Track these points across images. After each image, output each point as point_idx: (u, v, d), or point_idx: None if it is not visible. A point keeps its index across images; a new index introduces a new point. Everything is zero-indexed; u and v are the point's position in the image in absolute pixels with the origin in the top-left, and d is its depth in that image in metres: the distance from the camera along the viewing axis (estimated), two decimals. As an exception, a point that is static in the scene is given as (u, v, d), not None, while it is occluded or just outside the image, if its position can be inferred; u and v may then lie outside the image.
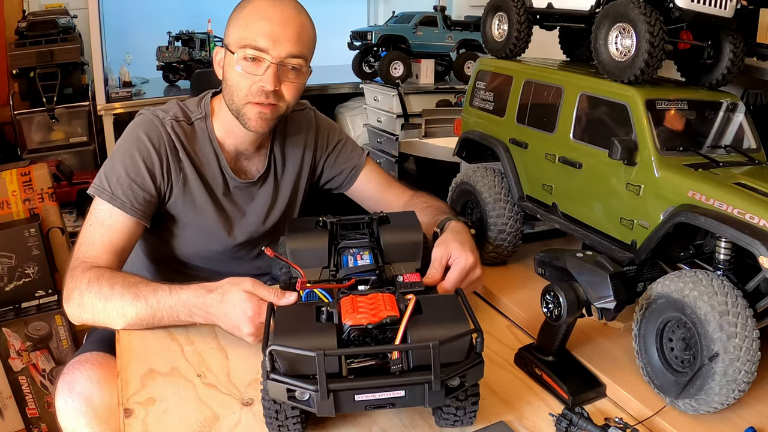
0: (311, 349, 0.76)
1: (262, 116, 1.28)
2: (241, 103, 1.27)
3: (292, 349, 0.78)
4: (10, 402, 2.11)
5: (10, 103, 2.77)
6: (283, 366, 0.80)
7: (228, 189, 1.40)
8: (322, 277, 1.04)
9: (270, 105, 1.27)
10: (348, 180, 1.57)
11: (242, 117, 1.29)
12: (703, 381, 0.91)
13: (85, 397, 1.17)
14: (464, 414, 0.90)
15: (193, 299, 1.11)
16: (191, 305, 1.11)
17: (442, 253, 1.15)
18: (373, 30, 2.74)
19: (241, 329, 1.06)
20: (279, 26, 1.23)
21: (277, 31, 1.22)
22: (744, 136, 1.14)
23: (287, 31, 1.23)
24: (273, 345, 0.78)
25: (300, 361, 0.79)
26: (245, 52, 1.23)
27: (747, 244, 0.88)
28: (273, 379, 0.79)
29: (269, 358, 0.79)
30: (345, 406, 0.80)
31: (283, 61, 1.24)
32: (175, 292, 1.13)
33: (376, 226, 1.14)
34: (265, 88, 1.24)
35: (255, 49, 1.23)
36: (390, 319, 0.83)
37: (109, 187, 1.25)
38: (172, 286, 1.14)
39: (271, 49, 1.22)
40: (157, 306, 1.12)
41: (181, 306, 1.12)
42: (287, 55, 1.24)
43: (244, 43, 1.23)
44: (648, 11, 1.03)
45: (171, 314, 1.13)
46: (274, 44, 1.22)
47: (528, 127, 1.31)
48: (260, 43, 1.22)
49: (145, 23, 3.30)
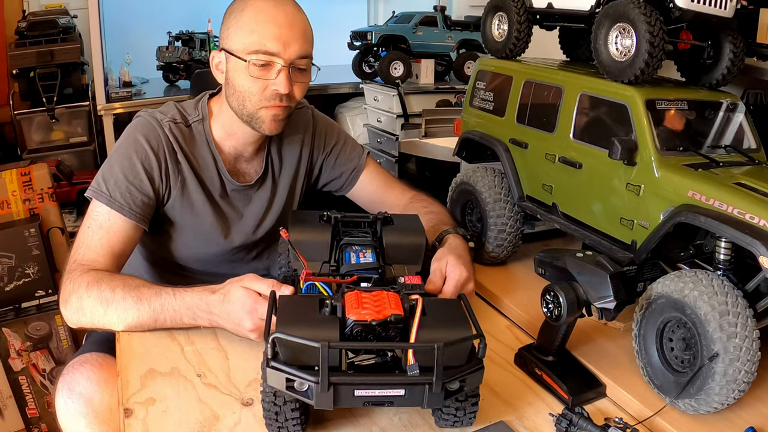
0: (315, 340, 0.76)
1: (276, 118, 1.28)
2: (255, 108, 1.26)
3: (296, 338, 0.77)
4: (10, 402, 2.11)
5: (10, 103, 2.77)
6: (284, 355, 0.80)
7: (225, 192, 1.39)
8: (321, 271, 1.04)
9: (284, 107, 1.27)
10: (348, 182, 1.56)
11: (256, 121, 1.28)
12: (703, 381, 0.91)
13: (86, 397, 1.17)
14: (464, 415, 0.90)
15: (197, 301, 1.10)
16: (195, 308, 1.11)
17: (440, 265, 1.16)
18: (373, 30, 2.74)
19: (243, 325, 1.06)
20: (286, 28, 1.22)
21: (286, 34, 1.21)
22: (744, 136, 1.14)
23: (294, 32, 1.22)
24: (276, 333, 0.78)
25: (301, 352, 0.78)
26: (256, 57, 1.21)
27: (747, 244, 0.88)
28: (273, 367, 0.79)
29: (271, 345, 0.78)
30: (344, 400, 0.80)
31: (294, 62, 1.23)
32: (179, 295, 1.12)
33: (380, 226, 1.14)
34: (280, 91, 1.23)
35: (266, 54, 1.21)
36: (394, 317, 0.82)
37: (107, 190, 1.25)
38: (175, 289, 1.13)
39: (282, 52, 1.21)
40: (160, 309, 1.12)
41: (185, 309, 1.11)
42: (297, 57, 1.23)
43: (253, 49, 1.21)
44: (648, 11, 1.03)
45: (174, 317, 1.12)
46: (285, 47, 1.21)
47: (528, 127, 1.31)
48: (271, 47, 1.21)
49: (145, 23, 3.30)
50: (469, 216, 1.52)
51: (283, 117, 1.29)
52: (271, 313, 0.85)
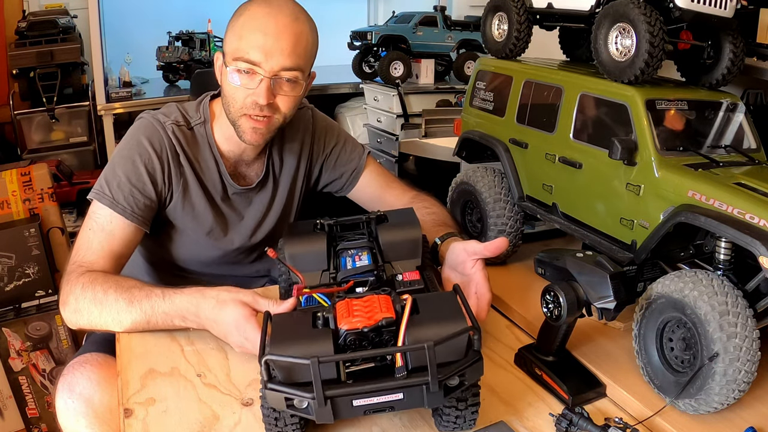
0: (307, 356, 0.75)
1: (255, 131, 1.26)
2: (237, 114, 1.26)
3: (286, 358, 0.77)
4: (10, 402, 2.11)
5: (10, 103, 2.77)
6: (281, 374, 0.79)
7: (227, 195, 1.39)
8: (322, 280, 1.03)
9: (264, 118, 1.25)
10: (349, 183, 1.55)
11: (238, 129, 1.28)
12: (703, 381, 0.91)
13: (86, 398, 1.17)
14: (464, 422, 0.90)
15: (186, 304, 1.10)
16: (184, 310, 1.10)
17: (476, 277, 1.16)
18: (373, 30, 2.74)
19: (228, 338, 1.06)
20: (272, 38, 1.19)
21: (270, 44, 1.19)
22: (744, 136, 1.14)
23: (281, 44, 1.20)
24: (268, 355, 0.77)
25: (296, 369, 0.78)
26: (238, 64, 1.21)
27: (747, 244, 0.88)
28: (271, 388, 0.79)
29: (265, 367, 0.78)
30: (343, 412, 0.79)
31: (277, 74, 1.21)
32: (169, 297, 1.11)
33: (375, 225, 1.13)
34: (258, 101, 1.22)
35: (248, 62, 1.20)
36: (385, 321, 0.81)
37: (110, 192, 1.24)
38: (165, 291, 1.12)
39: (263, 62, 1.20)
40: (151, 312, 1.11)
41: (175, 311, 1.11)
42: (280, 69, 1.21)
43: (237, 56, 1.21)
44: (648, 11, 1.03)
45: (165, 319, 1.12)
46: (267, 58, 1.19)
47: (528, 127, 1.31)
48: (253, 56, 1.19)
49: (145, 23, 3.30)
50: (469, 216, 1.52)
51: (266, 130, 1.28)
52: (265, 333, 0.84)
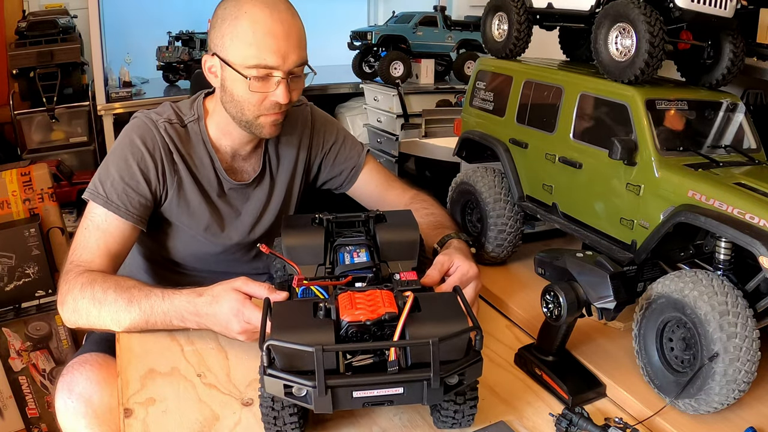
0: (309, 345, 0.76)
1: (275, 123, 1.30)
2: (253, 116, 1.27)
3: (289, 344, 0.77)
4: (10, 402, 2.12)
5: (10, 103, 2.76)
6: (281, 361, 0.79)
7: (223, 190, 1.39)
8: (317, 274, 1.03)
9: (282, 112, 1.29)
10: (348, 180, 1.56)
11: (256, 127, 1.29)
12: (703, 381, 0.91)
13: (85, 398, 1.17)
14: (462, 417, 0.90)
15: (185, 304, 1.10)
16: (183, 310, 1.10)
17: (444, 259, 1.15)
18: (373, 30, 2.73)
19: (230, 328, 1.06)
20: (284, 40, 1.21)
21: (284, 46, 1.21)
22: (744, 136, 1.14)
23: (291, 42, 1.22)
24: (270, 340, 0.78)
25: (297, 357, 0.78)
26: (256, 72, 1.21)
27: (747, 244, 0.88)
28: (270, 374, 0.79)
29: (266, 353, 0.78)
30: (343, 403, 0.80)
31: (291, 71, 1.24)
32: (168, 297, 1.12)
33: (373, 224, 1.14)
34: (280, 102, 1.24)
35: (266, 68, 1.21)
36: (388, 315, 0.82)
37: (104, 191, 1.25)
38: (164, 291, 1.13)
39: (281, 65, 1.21)
40: (150, 312, 1.12)
41: (173, 311, 1.11)
42: (295, 65, 1.24)
43: (252, 63, 1.20)
44: (648, 11, 1.03)
45: (164, 319, 1.12)
46: (284, 60, 1.21)
47: (528, 127, 1.31)
48: (270, 61, 1.20)
49: (145, 23, 3.30)
50: (469, 216, 1.52)
51: (282, 120, 1.31)
52: (265, 319, 0.85)
